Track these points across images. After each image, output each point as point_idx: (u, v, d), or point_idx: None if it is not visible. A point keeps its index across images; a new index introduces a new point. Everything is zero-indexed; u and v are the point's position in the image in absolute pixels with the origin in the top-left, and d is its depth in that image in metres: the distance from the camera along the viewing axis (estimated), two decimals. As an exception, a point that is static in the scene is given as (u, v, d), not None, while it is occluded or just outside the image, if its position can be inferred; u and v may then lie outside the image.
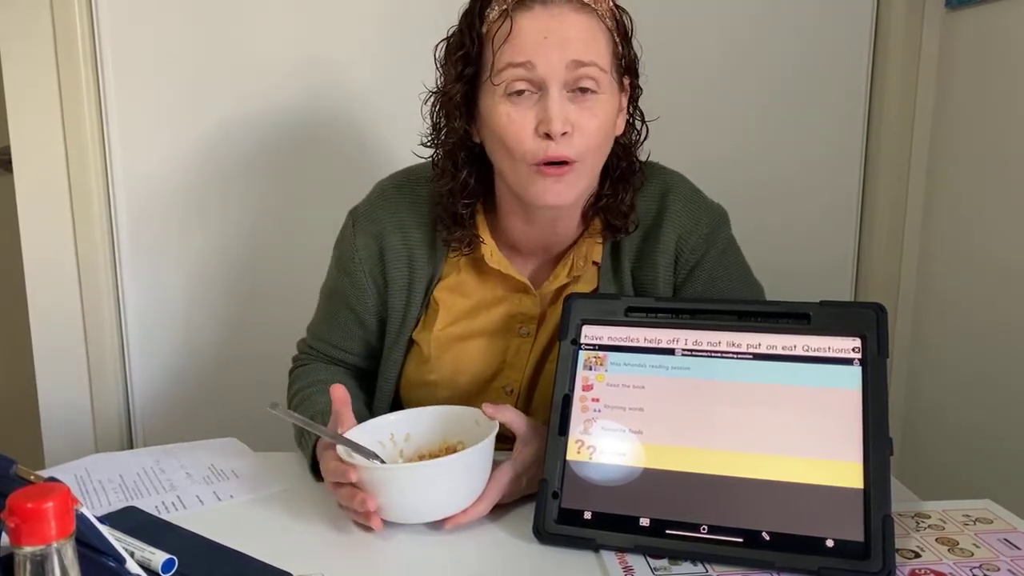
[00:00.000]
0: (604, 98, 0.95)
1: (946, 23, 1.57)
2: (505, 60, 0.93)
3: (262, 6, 1.56)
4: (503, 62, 0.93)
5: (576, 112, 0.93)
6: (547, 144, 0.92)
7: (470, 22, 0.97)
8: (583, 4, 0.94)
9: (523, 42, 0.92)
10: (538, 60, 0.91)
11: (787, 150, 1.66)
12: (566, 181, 0.95)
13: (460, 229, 1.03)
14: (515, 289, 1.06)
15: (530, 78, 0.92)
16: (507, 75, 0.93)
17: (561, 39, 0.92)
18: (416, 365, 1.10)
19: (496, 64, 0.93)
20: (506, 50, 0.93)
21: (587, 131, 0.94)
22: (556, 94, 0.92)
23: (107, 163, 1.60)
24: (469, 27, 0.96)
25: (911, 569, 0.77)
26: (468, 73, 0.97)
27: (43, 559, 0.50)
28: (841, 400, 0.82)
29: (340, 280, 1.11)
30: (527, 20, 0.92)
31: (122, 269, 1.64)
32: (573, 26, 0.92)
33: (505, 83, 0.93)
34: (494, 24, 0.94)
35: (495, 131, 0.95)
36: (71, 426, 1.67)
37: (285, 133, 1.61)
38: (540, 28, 0.92)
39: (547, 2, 0.92)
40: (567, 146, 0.93)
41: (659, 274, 1.05)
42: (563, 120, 0.91)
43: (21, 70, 1.55)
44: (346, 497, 0.86)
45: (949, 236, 1.59)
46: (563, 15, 0.92)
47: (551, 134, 0.91)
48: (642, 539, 0.81)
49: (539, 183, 0.95)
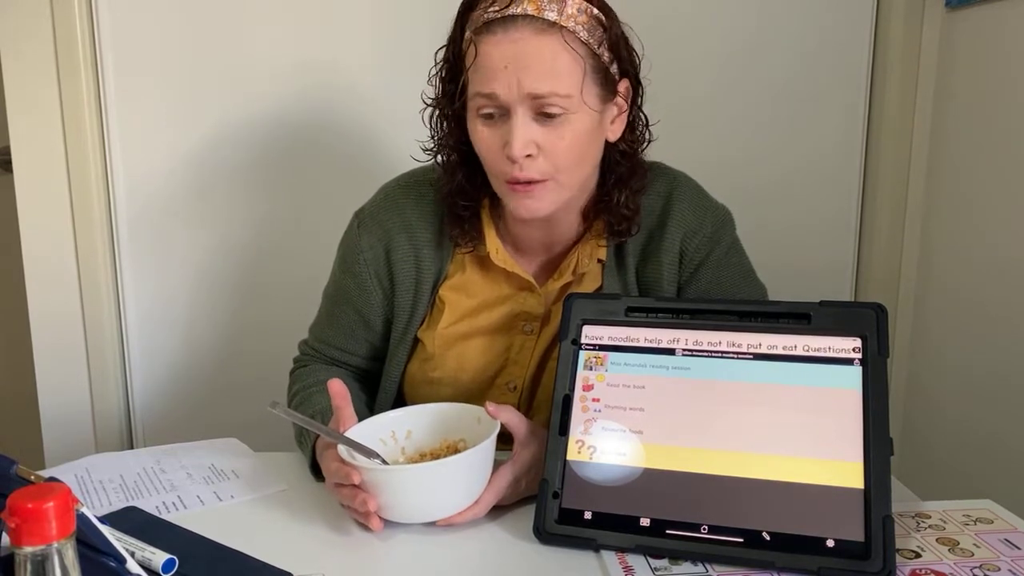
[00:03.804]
0: (576, 118, 0.93)
1: (946, 23, 1.57)
2: (473, 88, 0.94)
3: (262, 6, 1.56)
4: (472, 89, 0.94)
5: (543, 134, 0.93)
6: (513, 165, 0.93)
7: (453, 37, 0.98)
8: (548, 24, 0.90)
9: (486, 71, 0.92)
10: (499, 89, 0.91)
11: (787, 150, 1.67)
12: (536, 196, 0.96)
13: (460, 227, 1.05)
14: (520, 287, 1.07)
15: (495, 104, 0.93)
16: (475, 102, 0.94)
17: (520, 68, 0.90)
18: (420, 363, 1.10)
19: (469, 89, 0.95)
20: (473, 77, 0.94)
21: (555, 152, 0.94)
22: (519, 119, 0.92)
23: (107, 163, 1.60)
24: (452, 43, 0.98)
25: (911, 569, 0.77)
26: (451, 89, 0.99)
27: (43, 559, 0.50)
28: (841, 400, 0.82)
29: (344, 281, 1.11)
30: (490, 46, 0.92)
31: (122, 269, 1.64)
32: (533, 53, 0.90)
33: (476, 107, 0.95)
34: (467, 46, 0.95)
35: (475, 147, 0.98)
36: (71, 426, 1.67)
37: (285, 134, 1.61)
38: (501, 56, 0.91)
39: (508, 27, 0.91)
40: (532, 168, 0.94)
41: (663, 273, 1.05)
42: (523, 144, 0.92)
43: (21, 70, 1.55)
44: (347, 497, 0.86)
45: (949, 236, 1.59)
46: (524, 40, 0.90)
47: (512, 158, 0.92)
48: (642, 539, 0.81)
49: (512, 198, 0.97)
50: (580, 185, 1.00)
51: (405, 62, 1.55)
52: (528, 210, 0.97)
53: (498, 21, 0.91)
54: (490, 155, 0.96)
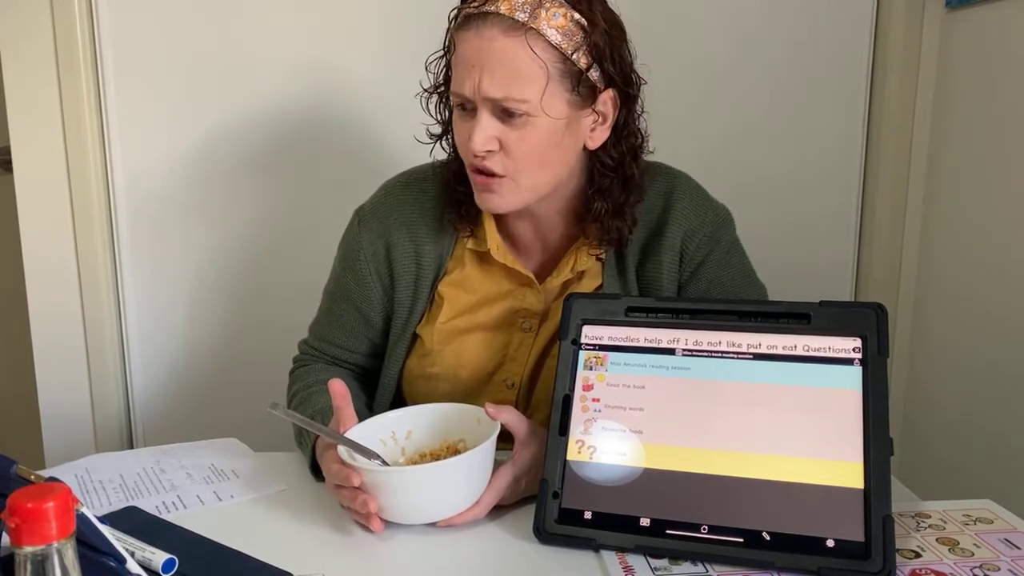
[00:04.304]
0: (537, 121, 0.93)
1: (946, 23, 1.57)
2: (451, 83, 0.97)
3: (262, 5, 1.56)
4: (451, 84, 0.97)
5: (504, 132, 0.94)
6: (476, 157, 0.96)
7: (448, 27, 0.99)
8: (516, 24, 0.90)
9: (458, 67, 0.95)
10: (465, 87, 0.94)
11: (787, 150, 1.67)
12: (497, 192, 0.97)
13: (457, 211, 1.06)
14: (519, 283, 1.07)
15: (464, 99, 0.95)
16: (452, 95, 0.97)
17: (482, 69, 0.92)
18: (418, 358, 1.10)
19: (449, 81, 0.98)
20: (452, 72, 0.97)
21: (516, 153, 0.95)
22: (483, 116, 0.94)
23: (107, 163, 1.60)
24: (447, 32, 1.00)
25: (911, 569, 0.77)
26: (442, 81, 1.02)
27: (43, 559, 0.50)
28: (841, 400, 0.82)
29: (345, 278, 1.12)
30: (463, 44, 0.94)
31: (122, 269, 1.64)
32: (495, 55, 0.91)
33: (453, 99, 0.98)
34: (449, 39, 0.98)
35: None
36: (71, 426, 1.67)
37: (285, 133, 1.61)
38: (470, 54, 0.93)
39: (480, 25, 0.92)
40: (492, 162, 0.96)
41: (663, 272, 1.05)
42: (483, 141, 0.94)
43: (21, 70, 1.55)
44: (347, 499, 0.86)
45: (949, 236, 1.59)
46: (493, 39, 0.91)
47: (473, 152, 0.95)
48: (642, 539, 0.81)
49: (476, 191, 0.99)
50: (546, 188, 0.99)
51: (405, 60, 1.54)
52: (486, 204, 0.99)
53: (473, 17, 0.93)
54: (461, 147, 0.99)
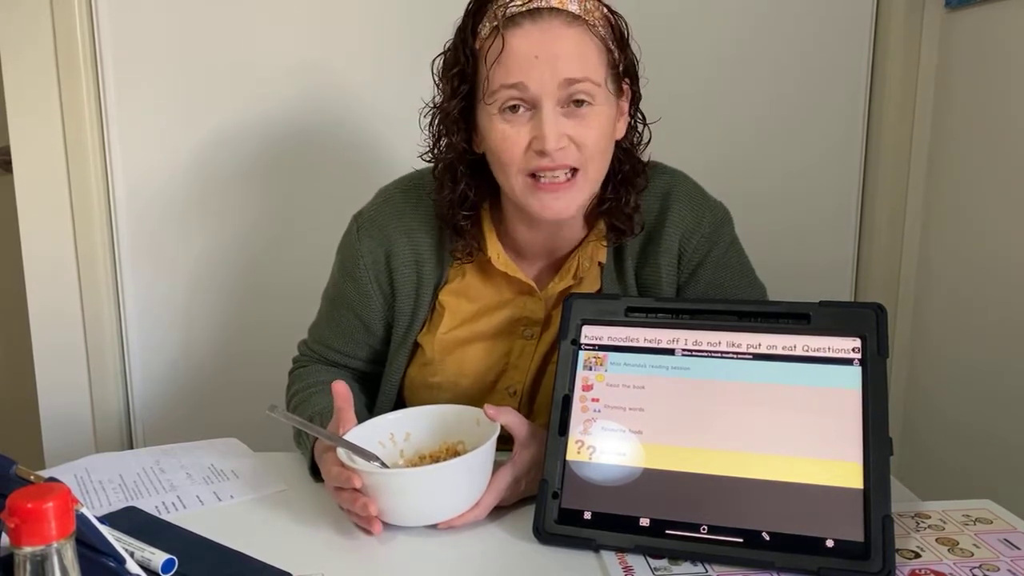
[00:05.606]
0: (600, 109, 0.94)
1: (946, 23, 1.57)
2: (498, 81, 0.93)
3: (262, 8, 1.56)
4: (496, 83, 0.93)
5: (572, 126, 0.93)
6: (543, 158, 0.93)
7: (463, 38, 0.97)
8: (574, 17, 0.93)
9: (514, 62, 0.92)
10: (530, 80, 0.91)
11: (787, 150, 1.66)
12: (563, 196, 0.95)
13: (462, 239, 1.04)
14: (520, 291, 1.06)
15: (523, 97, 0.93)
16: (500, 95, 0.93)
17: (551, 57, 0.91)
18: (419, 367, 1.09)
19: (490, 84, 0.94)
20: (498, 70, 0.93)
21: (585, 143, 0.94)
22: (550, 112, 0.92)
23: (107, 163, 1.60)
24: (463, 43, 0.97)
25: (911, 569, 0.77)
26: (463, 90, 0.97)
27: (43, 559, 0.50)
28: (841, 400, 0.82)
29: (344, 285, 1.10)
30: (517, 39, 0.92)
31: (122, 269, 1.64)
32: (564, 42, 0.92)
33: (499, 102, 0.94)
34: (486, 41, 0.94)
35: (491, 148, 0.96)
36: (71, 426, 1.67)
37: (285, 135, 1.61)
38: (530, 47, 0.91)
39: (536, 19, 0.92)
40: (566, 155, 0.94)
41: (662, 274, 1.05)
42: (557, 137, 0.92)
43: (21, 71, 1.55)
44: (347, 501, 0.86)
45: (949, 236, 1.59)
46: (553, 30, 0.92)
47: (546, 152, 0.92)
48: (642, 539, 0.81)
49: (537, 199, 0.96)
50: (597, 184, 1.00)
51: (404, 65, 1.55)
52: (554, 211, 0.96)
53: (524, 14, 0.92)
54: (509, 152, 0.94)
